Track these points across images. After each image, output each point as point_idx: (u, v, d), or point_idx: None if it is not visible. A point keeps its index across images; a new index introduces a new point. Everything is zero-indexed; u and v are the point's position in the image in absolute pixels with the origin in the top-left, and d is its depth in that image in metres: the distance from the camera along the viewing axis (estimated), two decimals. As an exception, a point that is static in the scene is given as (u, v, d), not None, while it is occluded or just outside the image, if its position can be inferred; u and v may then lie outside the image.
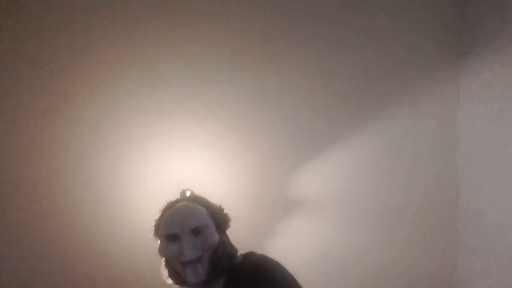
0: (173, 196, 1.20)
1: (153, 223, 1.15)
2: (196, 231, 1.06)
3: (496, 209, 1.66)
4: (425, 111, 1.79)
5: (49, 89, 1.51)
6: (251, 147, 1.63)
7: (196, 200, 1.16)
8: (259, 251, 1.10)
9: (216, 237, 1.08)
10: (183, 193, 1.22)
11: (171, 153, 1.56)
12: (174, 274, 1.11)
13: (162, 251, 1.09)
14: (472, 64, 1.78)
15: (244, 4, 1.64)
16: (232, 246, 1.13)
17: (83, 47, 1.52)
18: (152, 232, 1.15)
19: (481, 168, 1.73)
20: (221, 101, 1.61)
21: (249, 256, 1.10)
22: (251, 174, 1.62)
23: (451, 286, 1.81)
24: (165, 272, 1.13)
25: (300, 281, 1.03)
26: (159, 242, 1.12)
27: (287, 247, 1.60)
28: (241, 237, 1.17)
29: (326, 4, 1.71)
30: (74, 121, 1.52)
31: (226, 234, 1.15)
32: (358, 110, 1.74)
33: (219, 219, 1.14)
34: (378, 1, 1.76)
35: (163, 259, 1.12)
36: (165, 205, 1.17)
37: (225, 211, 1.18)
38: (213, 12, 1.62)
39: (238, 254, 1.13)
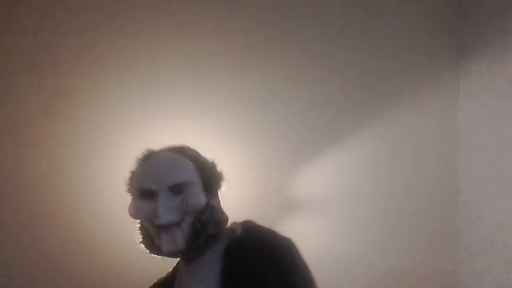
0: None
1: (129, 175, 0.95)
2: (177, 189, 0.86)
3: (496, 209, 1.66)
4: (425, 111, 1.79)
5: (49, 89, 1.51)
6: (251, 147, 1.63)
7: (182, 151, 0.95)
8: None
9: (200, 199, 0.88)
10: None
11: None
12: (148, 239, 0.91)
13: (132, 210, 0.88)
14: (472, 64, 1.78)
15: (245, 4, 1.64)
16: (222, 212, 0.95)
17: (83, 47, 1.52)
18: (127, 187, 0.94)
19: (481, 168, 1.73)
20: (221, 101, 1.61)
21: (253, 229, 0.94)
22: (251, 174, 1.62)
23: (451, 286, 1.81)
24: (138, 237, 0.94)
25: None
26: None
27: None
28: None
29: (325, 4, 1.71)
30: (74, 121, 1.52)
31: (217, 196, 0.96)
32: (358, 110, 1.74)
33: (209, 177, 0.93)
34: (378, 1, 1.76)
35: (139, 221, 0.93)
36: (144, 154, 0.97)
37: (219, 168, 0.97)
38: (214, 13, 1.62)
39: (231, 222, 0.96)
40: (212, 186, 0.93)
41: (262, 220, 1.60)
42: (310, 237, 1.66)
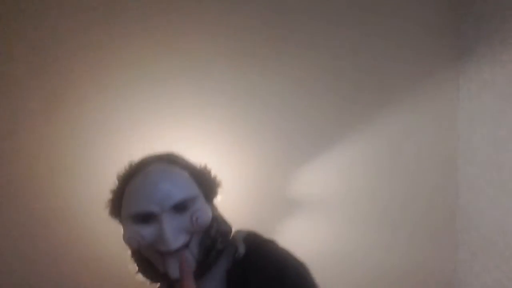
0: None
1: (108, 196, 0.87)
2: (181, 207, 0.77)
3: (496, 209, 1.66)
4: (425, 111, 1.79)
5: (48, 88, 1.51)
6: (252, 146, 1.63)
7: (172, 160, 0.86)
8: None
9: (208, 212, 0.80)
10: None
11: (171, 153, 1.55)
12: (148, 267, 0.83)
13: (130, 238, 0.78)
14: (472, 64, 1.78)
15: (247, 2, 1.64)
16: (225, 222, 0.89)
17: (82, 46, 1.52)
18: (108, 209, 0.87)
19: (481, 168, 1.73)
20: (222, 100, 1.61)
21: (259, 249, 0.86)
22: (252, 174, 1.62)
23: (451, 286, 1.81)
24: (133, 266, 0.85)
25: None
26: (122, 225, 0.83)
27: (288, 247, 1.60)
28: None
29: (326, 4, 1.71)
30: (74, 121, 1.52)
31: (214, 204, 0.89)
32: (359, 110, 1.74)
33: (208, 186, 0.85)
34: (378, 1, 1.76)
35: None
36: (125, 169, 0.86)
37: (213, 173, 0.89)
38: (214, 10, 1.62)
39: (234, 231, 0.90)
40: (212, 196, 0.86)
41: (263, 219, 1.60)
42: (310, 237, 1.66)
